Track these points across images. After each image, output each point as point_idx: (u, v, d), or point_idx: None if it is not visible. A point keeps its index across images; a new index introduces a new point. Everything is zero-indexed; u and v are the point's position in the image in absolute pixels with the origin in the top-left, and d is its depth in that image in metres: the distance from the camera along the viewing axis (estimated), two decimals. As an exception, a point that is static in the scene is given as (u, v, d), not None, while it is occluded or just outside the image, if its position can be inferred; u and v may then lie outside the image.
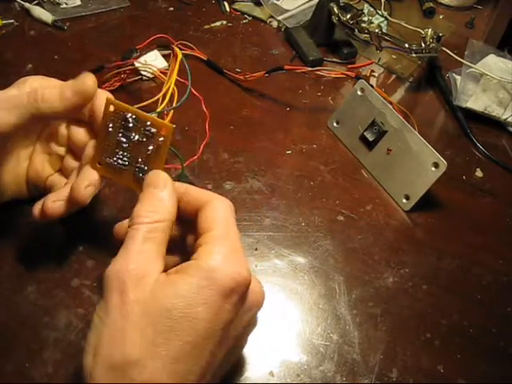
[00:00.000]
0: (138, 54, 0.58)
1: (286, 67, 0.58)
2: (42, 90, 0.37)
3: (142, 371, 0.27)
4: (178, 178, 0.49)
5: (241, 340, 0.33)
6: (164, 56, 0.60)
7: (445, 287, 0.45)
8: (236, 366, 0.37)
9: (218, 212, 0.33)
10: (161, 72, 0.56)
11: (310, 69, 0.60)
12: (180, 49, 0.55)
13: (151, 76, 0.58)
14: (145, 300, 0.29)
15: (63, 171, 0.42)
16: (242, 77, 0.59)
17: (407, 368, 0.39)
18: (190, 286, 0.29)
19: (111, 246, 0.43)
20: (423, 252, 0.47)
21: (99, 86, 0.39)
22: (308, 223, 0.48)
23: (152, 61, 0.59)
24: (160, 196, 0.33)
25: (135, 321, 0.28)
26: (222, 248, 0.31)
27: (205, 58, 0.62)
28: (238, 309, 0.31)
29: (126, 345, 0.28)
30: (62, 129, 0.41)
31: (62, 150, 0.42)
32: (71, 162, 0.42)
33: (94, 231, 0.44)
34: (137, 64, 0.58)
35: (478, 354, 0.41)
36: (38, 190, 0.43)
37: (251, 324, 0.34)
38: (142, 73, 0.58)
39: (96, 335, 0.29)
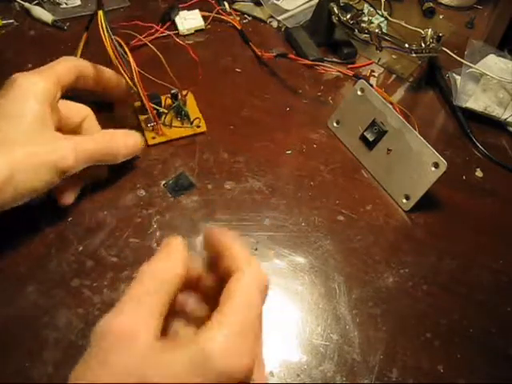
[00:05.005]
0: (178, 11, 0.66)
1: (291, 56, 0.63)
2: None
3: None
4: (178, 177, 0.49)
5: None
6: (204, 17, 0.66)
7: (445, 287, 0.45)
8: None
9: (238, 286, 0.30)
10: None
11: (312, 62, 0.62)
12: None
13: (186, 33, 0.65)
14: (134, 365, 0.27)
15: None
16: (259, 53, 0.63)
17: (407, 368, 0.39)
18: (181, 365, 0.27)
19: (112, 246, 0.44)
20: (423, 252, 0.47)
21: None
22: (308, 223, 0.48)
23: (191, 19, 0.66)
24: (170, 257, 0.32)
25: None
26: (226, 330, 0.28)
27: (239, 27, 0.67)
28: None
29: None
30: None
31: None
32: None
33: (94, 231, 0.44)
34: (176, 19, 0.65)
35: (478, 354, 0.41)
36: None
37: None
38: (179, 28, 0.65)
39: None
